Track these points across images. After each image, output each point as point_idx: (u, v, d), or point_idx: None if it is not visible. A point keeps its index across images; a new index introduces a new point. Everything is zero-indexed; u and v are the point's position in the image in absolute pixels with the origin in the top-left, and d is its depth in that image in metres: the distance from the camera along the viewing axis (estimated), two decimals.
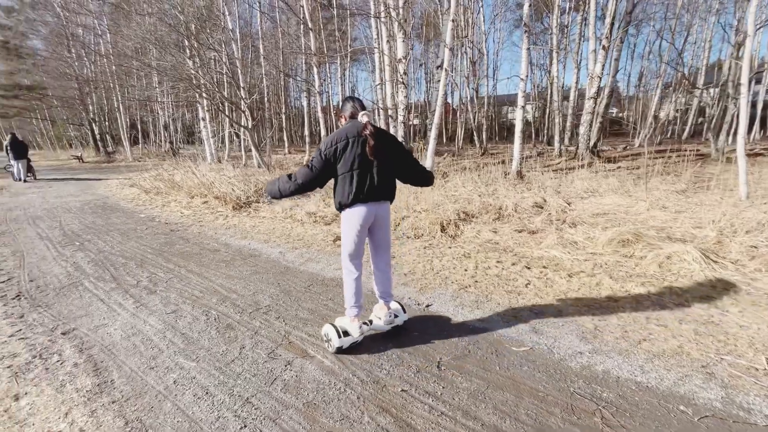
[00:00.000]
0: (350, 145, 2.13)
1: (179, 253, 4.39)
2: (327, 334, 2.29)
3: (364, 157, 2.14)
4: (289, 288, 3.23)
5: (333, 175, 2.22)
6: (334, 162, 2.15)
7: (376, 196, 2.22)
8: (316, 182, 2.23)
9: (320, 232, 5.26)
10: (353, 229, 2.25)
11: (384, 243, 2.43)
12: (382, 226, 2.36)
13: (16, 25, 24.12)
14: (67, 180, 13.12)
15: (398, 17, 9.39)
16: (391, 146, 2.26)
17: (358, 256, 2.35)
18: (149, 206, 7.47)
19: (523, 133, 9.94)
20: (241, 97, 11.93)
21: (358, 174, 2.14)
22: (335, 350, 2.23)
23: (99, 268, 3.89)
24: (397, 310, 2.52)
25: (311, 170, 2.18)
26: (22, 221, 6.24)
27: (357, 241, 2.29)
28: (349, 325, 2.29)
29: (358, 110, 2.25)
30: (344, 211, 2.26)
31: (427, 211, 5.87)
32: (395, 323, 2.46)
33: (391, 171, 2.29)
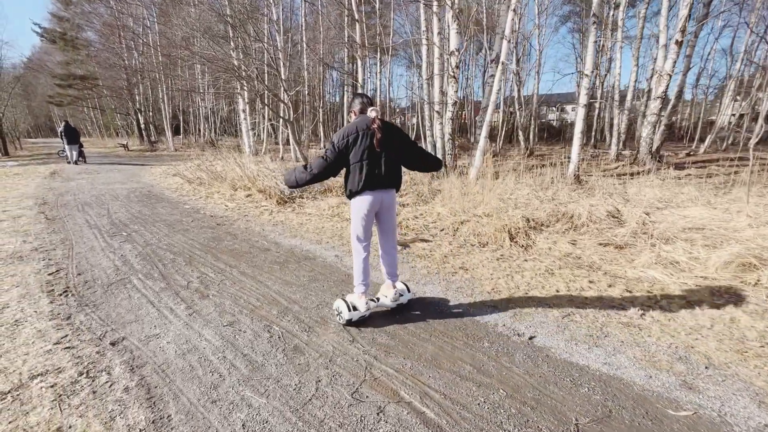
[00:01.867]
0: (360, 137, 2.32)
1: (228, 250, 4.08)
2: (338, 308, 2.51)
3: (372, 149, 2.34)
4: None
5: (345, 165, 2.41)
6: (346, 153, 2.35)
7: (383, 184, 2.43)
8: (329, 172, 2.42)
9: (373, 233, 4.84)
10: (362, 214, 2.47)
11: (390, 227, 2.65)
12: (389, 211, 2.59)
13: (73, 17, 25.27)
14: (114, 165, 13.46)
15: (453, 7, 8.81)
16: (397, 138, 2.45)
17: (366, 238, 2.57)
18: (193, 197, 7.33)
19: (582, 134, 9.13)
20: (284, 89, 11.73)
21: (367, 164, 2.34)
22: (345, 322, 2.46)
23: (147, 264, 3.63)
24: (402, 290, 2.73)
25: (326, 161, 2.37)
26: (72, 207, 6.21)
27: (365, 225, 2.51)
28: (357, 300, 2.50)
29: (367, 106, 2.44)
30: (354, 198, 2.46)
31: (490, 216, 5.32)
32: (400, 301, 2.70)
33: (398, 161, 2.50)
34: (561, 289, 3.07)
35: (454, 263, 3.67)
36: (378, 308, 2.66)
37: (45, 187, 8.30)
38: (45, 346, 2.18)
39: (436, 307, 2.73)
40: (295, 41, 15.42)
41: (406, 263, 3.68)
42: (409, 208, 6.14)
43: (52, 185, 8.64)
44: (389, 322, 2.50)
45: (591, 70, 8.59)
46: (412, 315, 2.61)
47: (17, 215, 5.60)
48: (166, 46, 16.55)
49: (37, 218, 5.43)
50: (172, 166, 12.47)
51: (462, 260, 3.78)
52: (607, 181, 8.57)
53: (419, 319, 2.55)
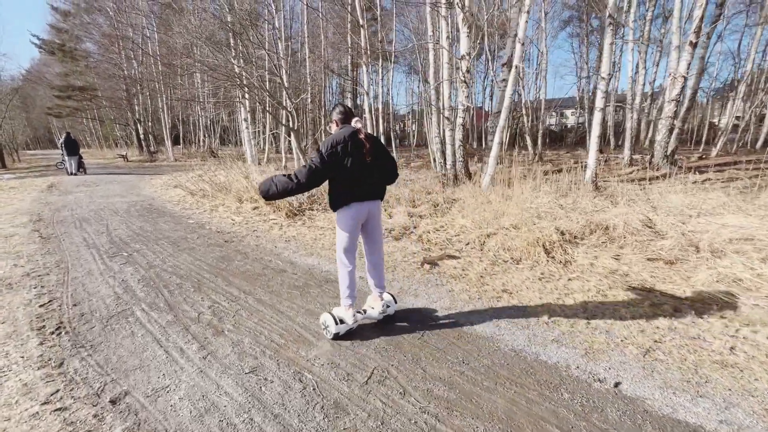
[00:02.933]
0: (348, 147, 2.28)
1: (240, 272, 3.70)
2: (325, 322, 2.44)
3: (361, 159, 2.31)
4: (397, 338, 2.42)
5: (331, 175, 2.32)
6: (334, 163, 2.27)
7: (371, 195, 2.42)
8: (317, 182, 2.31)
9: (395, 249, 4.47)
10: (348, 225, 2.41)
11: (377, 238, 2.61)
12: (375, 222, 2.56)
13: (72, 29, 25.10)
14: (114, 176, 13.09)
15: (464, 10, 8.54)
16: (381, 150, 2.44)
17: (352, 250, 2.51)
18: (197, 210, 6.95)
19: (599, 138, 8.81)
20: (287, 96, 11.43)
21: (356, 175, 2.30)
22: (332, 336, 2.39)
23: (151, 291, 3.24)
24: (389, 301, 2.69)
25: (313, 170, 2.26)
26: (69, 224, 5.83)
27: (351, 236, 2.45)
28: (344, 313, 2.45)
29: (349, 116, 2.43)
30: (341, 209, 2.39)
31: (518, 228, 4.96)
32: (387, 313, 2.65)
33: (383, 172, 2.48)
34: (623, 314, 2.69)
35: (494, 285, 3.29)
36: (365, 320, 2.60)
37: (41, 202, 7.92)
38: (31, 408, 1.78)
39: (491, 343, 2.35)
40: (294, 49, 15.17)
41: (440, 285, 3.30)
42: (427, 220, 5.77)
43: (49, 199, 8.26)
44: (446, 363, 2.12)
45: (608, 73, 8.29)
46: (470, 357, 2.22)
47: (9, 234, 5.21)
48: (167, 55, 16.31)
49: (31, 237, 5.05)
50: (173, 177, 12.11)
51: (501, 281, 3.40)
52: (626, 187, 8.22)
53: (477, 361, 2.16)
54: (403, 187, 8.48)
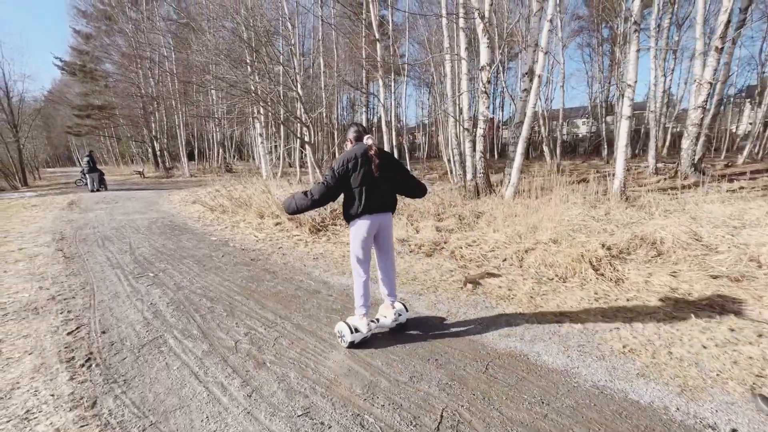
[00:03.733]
0: (359, 163, 2.40)
1: (272, 294, 3.50)
2: (340, 331, 2.51)
3: (370, 174, 2.41)
4: (459, 371, 2.17)
5: (344, 190, 2.47)
6: (346, 178, 2.41)
7: (382, 208, 2.51)
8: (330, 197, 2.48)
9: (429, 266, 4.24)
10: (361, 237, 2.51)
11: (388, 248, 2.70)
12: (386, 233, 2.65)
13: (92, 50, 25.87)
14: (132, 192, 13.18)
15: (484, 20, 8.44)
16: (392, 164, 2.56)
17: (365, 261, 2.60)
18: (218, 227, 6.83)
19: (627, 147, 8.51)
20: (304, 110, 11.42)
21: (366, 189, 2.41)
22: (348, 345, 2.46)
23: (182, 315, 3.06)
24: (401, 309, 2.76)
25: (326, 186, 2.42)
26: (92, 242, 5.74)
27: (364, 247, 2.55)
28: (358, 322, 2.52)
29: (362, 134, 2.56)
30: (353, 222, 2.52)
31: (558, 243, 4.69)
32: (399, 321, 2.72)
33: (394, 185, 2.59)
34: (704, 342, 2.41)
35: (548, 307, 3.03)
36: (378, 329, 2.67)
37: (63, 220, 7.91)
38: None
39: (568, 379, 2.09)
40: (306, 66, 15.28)
41: (490, 308, 3.04)
42: (457, 235, 5.53)
43: (70, 217, 8.25)
44: (523, 403, 1.86)
45: (634, 80, 8.05)
46: (549, 395, 1.96)
47: (34, 254, 5.13)
48: (183, 73, 16.59)
49: (55, 257, 4.95)
50: (190, 192, 12.12)
51: (555, 302, 3.13)
52: (657, 197, 7.89)
53: (558, 401, 1.90)
54: (426, 200, 8.27)
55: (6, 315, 3.13)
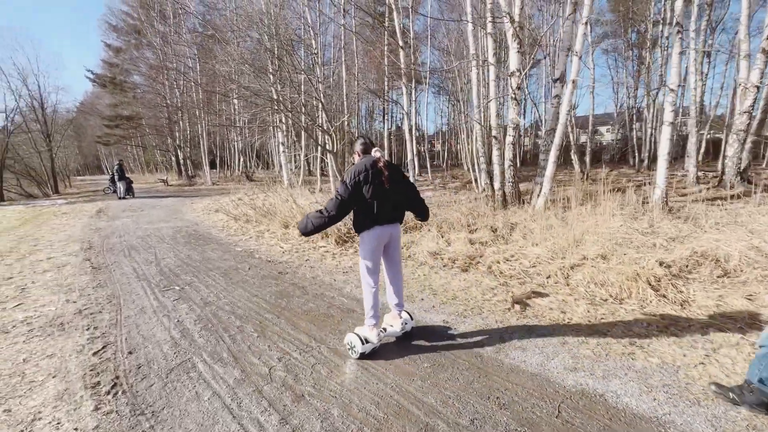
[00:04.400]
0: (370, 176, 2.45)
1: (303, 312, 3.28)
2: (351, 342, 2.50)
3: (381, 186, 2.47)
4: (528, 414, 1.88)
5: (357, 203, 2.47)
6: (358, 191, 2.44)
7: (391, 219, 2.56)
8: (345, 211, 2.47)
9: (468, 283, 3.94)
10: (371, 247, 2.54)
11: (396, 259, 2.74)
12: (395, 244, 2.70)
13: (122, 63, 26.83)
14: (157, 200, 13.34)
15: (514, 24, 8.18)
16: (400, 177, 2.62)
17: (375, 271, 2.60)
18: (243, 237, 6.71)
19: (669, 155, 8.02)
20: (326, 119, 11.35)
21: (377, 200, 2.46)
22: (358, 356, 2.46)
23: (210, 335, 2.86)
24: (407, 319, 2.80)
25: (340, 200, 2.43)
26: (118, 252, 5.69)
27: (374, 258, 2.57)
28: (368, 333, 2.53)
29: (370, 147, 2.61)
30: (364, 233, 2.53)
31: (607, 259, 4.33)
32: (405, 329, 2.78)
33: (403, 197, 2.64)
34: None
35: (611, 333, 2.69)
36: (386, 337, 2.70)
37: (91, 228, 7.97)
38: None
39: (662, 430, 1.76)
40: (327, 74, 15.31)
41: (547, 336, 2.73)
42: (492, 248, 5.21)
43: (98, 225, 8.32)
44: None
45: (677, 84, 7.60)
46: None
47: (62, 263, 5.09)
48: (208, 83, 16.90)
49: (83, 267, 4.89)
50: (213, 200, 12.18)
51: (618, 328, 2.79)
52: (704, 208, 7.36)
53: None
54: (453, 211, 7.98)
55: (32, 331, 3.01)
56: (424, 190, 13.64)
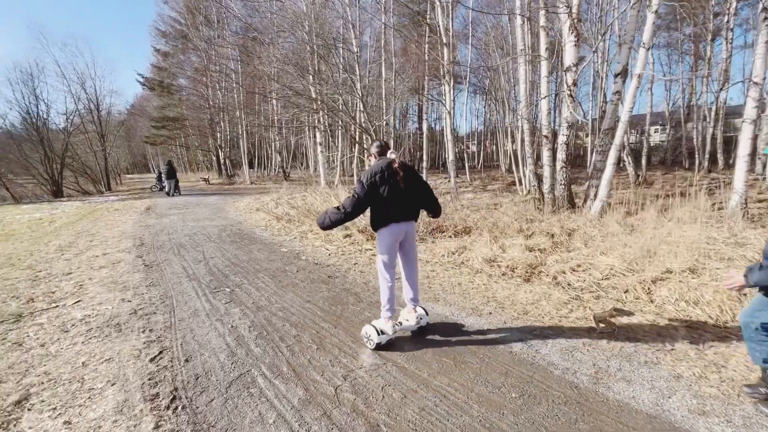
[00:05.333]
0: (385, 176, 2.60)
1: (362, 323, 3.04)
2: (367, 333, 2.63)
3: (396, 186, 2.61)
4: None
5: (372, 201, 2.62)
6: (374, 190, 2.58)
7: (407, 217, 2.70)
8: (361, 208, 2.63)
9: (536, 296, 3.56)
10: (388, 243, 2.68)
11: (412, 255, 2.86)
12: (411, 240, 2.82)
13: (169, 67, 28.13)
14: (200, 198, 13.72)
15: (571, 15, 7.63)
16: (414, 178, 2.76)
17: (392, 266, 2.75)
18: (286, 237, 6.62)
19: (749, 156, 7.17)
20: (366, 118, 11.18)
21: (393, 199, 2.60)
22: (374, 347, 2.58)
23: (267, 345, 2.69)
24: (422, 314, 2.91)
25: (357, 198, 2.59)
26: (168, 250, 5.74)
27: (390, 253, 2.71)
28: (384, 325, 2.65)
29: (385, 149, 2.78)
30: (381, 230, 2.67)
31: (697, 274, 3.81)
32: (421, 324, 2.88)
33: (417, 196, 2.77)
34: None
35: (729, 365, 2.26)
36: (401, 331, 2.78)
37: (141, 225, 8.21)
38: None
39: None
40: (363, 73, 15.18)
41: (652, 364, 2.32)
42: (554, 256, 4.78)
43: (147, 222, 8.57)
44: None
45: (763, 77, 6.78)
46: None
47: (116, 260, 5.17)
48: (249, 84, 17.26)
49: (135, 264, 4.94)
50: (253, 199, 12.35)
51: (733, 360, 2.34)
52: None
53: None
54: (501, 214, 7.55)
55: (90, 330, 2.97)
56: (463, 192, 13.19)
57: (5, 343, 2.75)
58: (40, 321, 3.15)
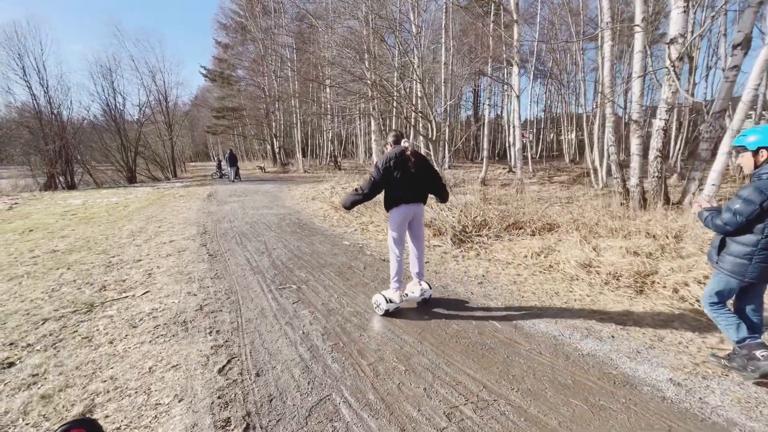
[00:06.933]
0: (398, 162, 2.92)
1: (451, 339, 2.56)
2: (377, 301, 2.98)
3: (407, 171, 2.93)
4: None
5: (387, 184, 2.96)
6: (388, 174, 2.91)
7: (416, 199, 3.03)
8: (376, 190, 2.98)
9: (664, 317, 2.85)
10: (398, 222, 3.02)
11: (419, 234, 3.17)
12: (419, 221, 3.14)
13: (230, 58, 29.20)
14: (257, 186, 13.96)
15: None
16: (425, 164, 3.06)
17: (401, 242, 3.07)
18: (346, 228, 6.30)
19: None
20: (428, 104, 10.54)
21: (404, 182, 2.93)
22: (383, 313, 2.93)
23: (346, 361, 2.29)
24: (425, 288, 3.21)
25: (373, 181, 2.93)
26: (230, 239, 5.64)
27: (400, 231, 3.05)
28: (392, 294, 2.98)
29: (400, 138, 3.11)
30: (393, 209, 3.00)
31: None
32: (425, 296, 3.20)
33: (426, 181, 3.05)
34: None
35: None
36: (408, 301, 3.11)
37: (204, 212, 8.35)
38: None
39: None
40: (424, 57, 14.43)
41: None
42: (668, 264, 3.95)
43: (210, 209, 8.72)
44: None
45: None
46: None
47: (182, 248, 5.13)
48: (306, 71, 17.23)
49: (200, 253, 4.84)
50: (309, 187, 12.30)
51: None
52: None
53: None
54: (587, 209, 6.66)
55: (157, 327, 2.77)
56: (528, 184, 12.15)
57: (75, 337, 2.62)
58: (110, 313, 3.03)
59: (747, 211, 1.90)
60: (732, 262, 2.01)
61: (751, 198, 1.89)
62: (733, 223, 1.94)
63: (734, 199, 1.98)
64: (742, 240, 1.97)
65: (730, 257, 2.03)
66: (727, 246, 2.06)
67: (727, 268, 2.03)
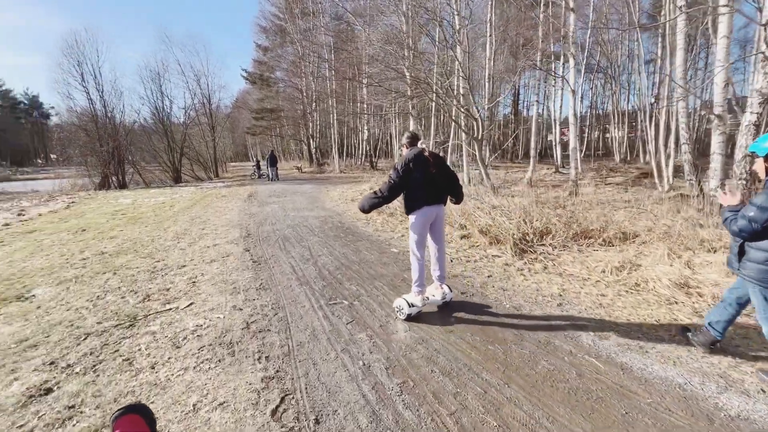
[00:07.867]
0: (418, 163, 2.85)
1: (545, 381, 2.09)
2: (399, 306, 2.92)
3: (427, 172, 2.87)
4: None
5: (406, 187, 2.89)
6: (407, 176, 2.84)
7: (436, 200, 2.96)
8: (395, 193, 2.88)
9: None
10: (419, 225, 2.95)
11: (441, 236, 3.11)
12: (440, 222, 3.07)
13: (269, 61, 29.77)
14: (295, 186, 13.93)
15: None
16: (443, 166, 3.00)
17: (422, 245, 3.02)
18: (392, 234, 5.92)
19: None
20: (473, 102, 9.96)
21: (424, 184, 2.87)
22: (405, 317, 2.87)
23: (420, 406, 1.89)
24: (447, 291, 3.16)
25: (392, 184, 2.84)
26: (273, 243, 5.42)
27: (421, 234, 2.99)
28: (414, 298, 2.94)
29: (416, 140, 3.03)
30: (414, 212, 2.92)
31: None
32: (446, 299, 3.15)
33: (445, 182, 3.01)
34: None
35: None
36: (429, 304, 3.05)
37: (246, 213, 8.27)
38: None
39: None
40: (453, 55, 13.76)
41: None
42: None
43: (251, 210, 8.64)
44: None
45: None
46: None
47: (226, 253, 4.96)
48: (344, 70, 17.08)
49: (243, 259, 4.63)
50: (347, 187, 12.06)
51: None
52: None
53: None
54: (651, 216, 5.89)
55: (202, 349, 2.50)
56: (580, 186, 11.24)
57: (116, 358, 2.40)
58: (153, 328, 2.81)
59: (762, 218, 1.87)
60: (756, 269, 1.98)
61: (765, 205, 1.87)
62: (748, 230, 1.92)
63: (748, 206, 1.95)
64: (762, 246, 1.95)
65: (751, 264, 2.01)
66: (747, 252, 2.04)
67: (753, 276, 1.99)
